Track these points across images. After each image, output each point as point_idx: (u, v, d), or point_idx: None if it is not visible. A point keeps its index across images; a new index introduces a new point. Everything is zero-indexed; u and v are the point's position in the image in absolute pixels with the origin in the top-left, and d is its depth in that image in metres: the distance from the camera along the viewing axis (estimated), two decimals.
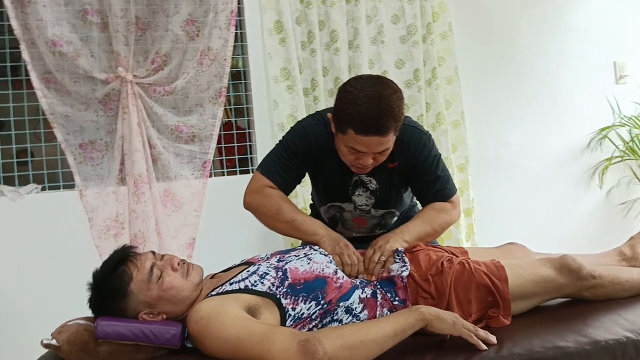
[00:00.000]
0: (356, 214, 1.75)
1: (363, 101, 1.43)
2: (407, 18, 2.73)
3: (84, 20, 2.30)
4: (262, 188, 1.64)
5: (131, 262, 1.34)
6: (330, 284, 1.37)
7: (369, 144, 1.46)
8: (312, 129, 1.64)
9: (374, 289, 1.41)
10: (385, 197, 1.72)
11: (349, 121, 1.45)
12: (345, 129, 1.47)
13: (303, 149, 1.64)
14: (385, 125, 1.43)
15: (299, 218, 1.61)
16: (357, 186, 1.70)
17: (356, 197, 1.72)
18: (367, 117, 1.42)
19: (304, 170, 1.71)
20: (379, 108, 1.42)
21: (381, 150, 1.50)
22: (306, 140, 1.63)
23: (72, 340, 1.27)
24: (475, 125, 2.88)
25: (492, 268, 1.41)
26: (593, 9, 3.12)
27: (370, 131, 1.43)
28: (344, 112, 1.47)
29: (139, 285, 1.31)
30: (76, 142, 2.34)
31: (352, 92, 1.46)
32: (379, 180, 1.68)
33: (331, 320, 1.35)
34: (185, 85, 2.42)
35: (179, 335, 1.30)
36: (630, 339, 1.27)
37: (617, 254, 1.74)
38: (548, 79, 3.04)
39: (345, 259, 1.48)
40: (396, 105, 1.45)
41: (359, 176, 1.68)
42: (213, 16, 2.42)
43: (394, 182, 1.69)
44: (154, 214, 2.32)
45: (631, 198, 3.15)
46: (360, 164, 1.53)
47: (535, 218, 2.99)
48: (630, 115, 3.10)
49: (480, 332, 1.24)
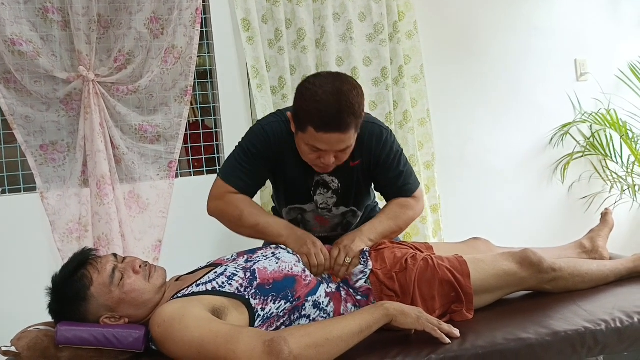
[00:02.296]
0: (317, 212, 1.73)
1: (322, 97, 1.40)
2: (373, 16, 2.74)
3: (45, 18, 2.24)
4: (224, 194, 1.61)
5: (91, 265, 1.31)
6: (300, 282, 1.37)
7: (329, 141, 1.44)
8: (271, 127, 1.61)
9: (338, 284, 1.43)
10: (347, 195, 1.70)
11: (308, 118, 1.43)
12: (305, 127, 1.44)
13: (262, 151, 1.60)
14: (345, 121, 1.41)
15: (262, 222, 1.58)
16: (318, 186, 1.67)
17: (317, 196, 1.69)
18: (327, 113, 1.40)
19: (265, 172, 1.67)
20: (339, 104, 1.39)
21: (342, 148, 1.47)
22: (265, 141, 1.60)
23: (32, 346, 1.24)
24: (440, 123, 2.91)
25: (455, 263, 1.43)
26: (555, 8, 3.19)
27: (330, 128, 1.41)
28: (303, 109, 1.45)
29: (100, 289, 1.28)
30: (37, 143, 2.28)
31: (311, 89, 1.44)
32: (341, 179, 1.66)
33: (299, 316, 1.35)
34: (149, 84, 2.38)
35: (142, 338, 1.28)
36: (588, 330, 1.31)
37: (578, 247, 1.79)
38: (511, 76, 3.10)
39: (312, 259, 1.46)
40: (356, 102, 1.42)
41: (321, 176, 1.65)
42: (178, 14, 2.39)
43: (357, 181, 1.68)
44: (117, 216, 2.27)
45: (592, 192, 3.23)
46: (322, 163, 1.50)
47: (500, 213, 3.05)
48: (591, 111, 3.18)
49: (444, 326, 1.26)
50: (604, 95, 3.23)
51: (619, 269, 1.61)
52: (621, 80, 3.27)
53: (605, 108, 3.18)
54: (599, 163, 3.26)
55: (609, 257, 1.77)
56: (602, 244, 1.80)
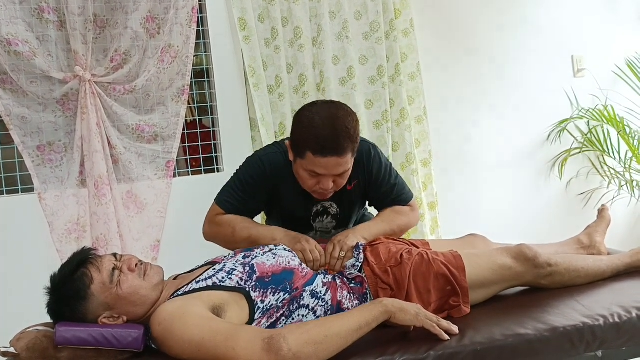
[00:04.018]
0: (317, 237, 1.76)
1: (319, 123, 1.46)
2: (370, 14, 2.74)
3: (40, 18, 2.24)
4: (215, 218, 1.67)
5: (91, 264, 1.32)
6: (297, 274, 1.39)
7: (327, 165, 1.48)
8: (268, 158, 1.65)
9: (333, 275, 1.46)
10: (347, 218, 1.76)
11: (306, 144, 1.48)
12: (304, 153, 1.49)
13: (258, 180, 1.64)
14: (342, 145, 1.46)
15: (254, 233, 1.62)
16: (317, 215, 1.73)
17: (317, 224, 1.75)
18: (324, 137, 1.45)
19: (260, 203, 1.71)
20: (335, 129, 1.45)
21: (340, 172, 1.51)
22: (261, 171, 1.64)
23: (31, 347, 1.24)
24: (437, 121, 2.92)
25: (450, 258, 1.44)
26: (552, 4, 3.19)
27: (328, 152, 1.46)
28: (300, 135, 1.50)
29: (100, 288, 1.29)
30: (34, 144, 2.28)
31: (308, 116, 1.50)
32: (339, 204, 1.71)
33: (298, 306, 1.36)
34: (146, 84, 2.38)
35: (141, 338, 1.28)
36: (587, 325, 1.31)
37: (575, 243, 1.80)
38: (508, 73, 3.10)
39: (307, 255, 1.50)
40: (352, 127, 1.48)
41: (320, 204, 1.70)
42: (174, 13, 2.39)
43: (354, 202, 1.73)
44: (115, 216, 2.27)
45: (590, 188, 3.24)
46: (321, 189, 1.54)
47: (497, 210, 3.06)
48: (588, 107, 3.19)
49: (442, 323, 1.27)
50: (601, 91, 3.23)
51: (616, 264, 1.61)
52: (618, 76, 3.27)
53: (602, 104, 3.19)
54: (597, 159, 3.26)
55: (606, 252, 1.78)
56: (600, 240, 1.80)
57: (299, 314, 1.36)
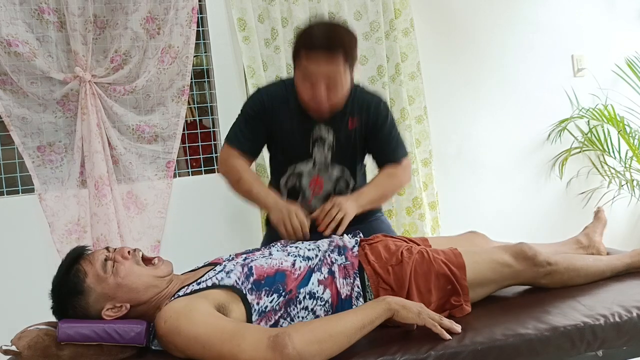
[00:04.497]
0: (314, 172, 1.80)
1: (314, 27, 1.59)
2: (369, 15, 2.75)
3: (40, 19, 2.24)
4: (227, 158, 1.77)
5: (84, 260, 1.33)
6: (290, 276, 1.39)
7: (318, 62, 1.54)
8: (266, 89, 1.77)
9: (329, 267, 1.42)
10: (342, 152, 1.79)
11: (300, 44, 1.58)
12: (299, 54, 1.58)
13: (257, 111, 1.74)
14: (333, 43, 1.54)
15: (254, 190, 1.72)
16: (316, 142, 1.78)
17: (315, 151, 1.79)
18: (317, 35, 1.55)
19: (263, 133, 1.78)
20: (329, 31, 1.56)
21: (332, 77, 1.56)
22: (259, 102, 1.74)
23: (33, 345, 1.24)
24: (438, 120, 2.92)
25: (450, 256, 1.44)
26: (552, 4, 3.20)
27: (318, 46, 1.53)
28: (297, 41, 1.60)
29: (95, 280, 1.29)
30: (34, 144, 2.28)
31: (306, 26, 1.61)
32: (336, 134, 1.76)
33: (298, 309, 1.36)
34: (146, 84, 2.38)
35: (144, 332, 1.28)
36: (587, 324, 1.31)
37: (575, 243, 1.79)
38: (508, 72, 3.10)
39: (288, 226, 1.57)
40: (347, 39, 1.57)
41: (319, 127, 1.74)
42: (174, 13, 2.39)
43: (352, 141, 1.78)
44: (116, 216, 2.28)
45: (590, 188, 3.24)
46: (315, 101, 1.60)
47: (498, 209, 3.06)
48: (588, 107, 3.19)
49: (444, 322, 1.26)
50: (601, 91, 3.23)
51: (615, 264, 1.61)
52: (618, 75, 3.27)
53: (602, 103, 3.19)
54: (597, 158, 3.26)
55: (605, 252, 1.78)
56: (599, 240, 1.80)
57: (300, 315, 1.36)
